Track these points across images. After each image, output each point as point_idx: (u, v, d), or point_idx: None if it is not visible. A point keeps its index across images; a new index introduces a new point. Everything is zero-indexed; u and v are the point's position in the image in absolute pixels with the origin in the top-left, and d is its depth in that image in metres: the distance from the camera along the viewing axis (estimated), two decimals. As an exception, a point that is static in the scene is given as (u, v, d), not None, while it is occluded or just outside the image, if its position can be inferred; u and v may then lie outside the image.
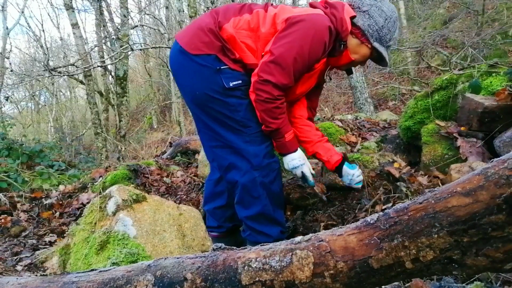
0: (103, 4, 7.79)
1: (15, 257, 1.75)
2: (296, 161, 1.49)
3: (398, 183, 1.66)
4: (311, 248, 0.66)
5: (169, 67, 1.55)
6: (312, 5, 1.46)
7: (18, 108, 17.18)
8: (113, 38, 7.07)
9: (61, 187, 2.82)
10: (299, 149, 1.52)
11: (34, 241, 2.00)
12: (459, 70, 2.12)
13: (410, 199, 1.46)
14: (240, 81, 1.42)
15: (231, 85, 1.41)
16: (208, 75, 1.40)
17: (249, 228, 1.52)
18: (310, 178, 1.54)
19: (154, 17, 9.50)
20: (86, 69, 6.62)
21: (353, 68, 1.68)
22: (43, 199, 2.61)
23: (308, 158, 1.62)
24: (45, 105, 16.98)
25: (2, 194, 2.54)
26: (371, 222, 0.66)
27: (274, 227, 1.51)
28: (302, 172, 1.52)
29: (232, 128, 1.44)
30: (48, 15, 40.87)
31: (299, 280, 0.65)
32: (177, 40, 1.46)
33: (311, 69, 1.45)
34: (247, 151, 1.44)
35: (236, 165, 1.46)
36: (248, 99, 1.43)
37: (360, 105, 5.41)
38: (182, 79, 1.47)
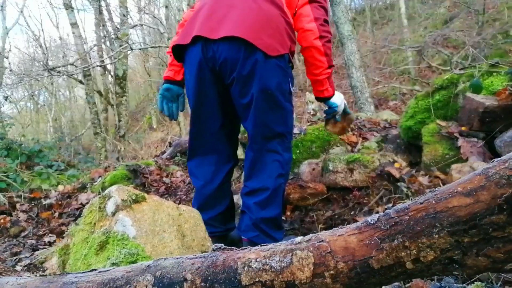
0: (102, 3, 7.78)
1: (15, 257, 1.74)
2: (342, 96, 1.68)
3: (398, 183, 1.66)
4: (311, 249, 0.66)
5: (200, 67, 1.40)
6: None
7: (17, 108, 17.17)
8: (112, 38, 7.06)
9: (60, 187, 2.81)
10: None
11: (34, 242, 1.99)
12: (460, 69, 2.12)
13: (411, 199, 1.46)
14: (293, 88, 1.52)
15: (292, 89, 1.50)
16: (282, 76, 1.43)
17: (258, 230, 1.49)
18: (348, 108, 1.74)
19: (154, 16, 9.47)
20: (85, 69, 6.61)
21: (353, 67, 1.78)
22: (42, 199, 2.60)
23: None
24: (44, 105, 16.96)
25: (1, 194, 2.54)
26: (372, 222, 0.66)
27: (280, 232, 1.54)
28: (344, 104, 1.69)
29: (279, 133, 1.48)
30: (47, 14, 40.48)
31: (299, 281, 0.64)
32: (250, 40, 1.35)
33: None
34: (283, 158, 1.49)
35: (270, 169, 1.49)
36: (292, 108, 1.53)
37: (360, 105, 5.40)
38: (258, 81, 1.40)
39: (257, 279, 0.66)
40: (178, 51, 1.53)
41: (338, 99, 1.64)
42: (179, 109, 1.71)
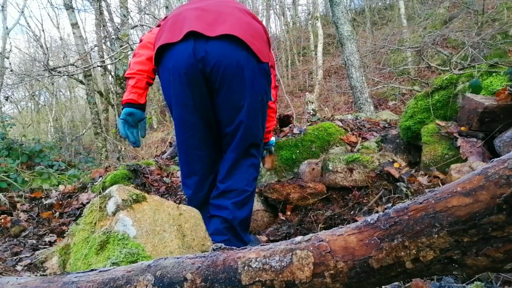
0: (103, 3, 7.79)
1: (15, 257, 1.74)
2: None
3: (398, 183, 1.66)
4: (311, 248, 0.66)
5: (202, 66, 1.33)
6: None
7: (18, 108, 17.17)
8: (113, 38, 7.06)
9: (61, 187, 2.81)
10: None
11: (34, 241, 2.00)
12: (459, 70, 2.12)
13: (410, 199, 1.46)
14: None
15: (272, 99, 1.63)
16: (267, 84, 1.51)
17: (231, 232, 1.46)
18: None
19: (154, 17, 9.49)
20: (86, 69, 6.62)
21: (352, 67, 1.86)
22: (43, 199, 2.61)
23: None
24: (45, 105, 16.98)
25: (2, 194, 2.54)
26: (371, 222, 0.66)
27: (248, 234, 1.58)
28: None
29: (261, 139, 1.56)
30: (48, 15, 40.85)
31: (299, 280, 0.65)
32: (247, 42, 1.33)
33: None
34: (258, 161, 1.58)
35: (248, 172, 1.52)
36: None
37: (360, 105, 5.40)
38: (253, 84, 1.40)
39: (257, 279, 0.66)
40: (158, 53, 1.39)
41: (273, 138, 2.03)
42: (140, 134, 1.55)
